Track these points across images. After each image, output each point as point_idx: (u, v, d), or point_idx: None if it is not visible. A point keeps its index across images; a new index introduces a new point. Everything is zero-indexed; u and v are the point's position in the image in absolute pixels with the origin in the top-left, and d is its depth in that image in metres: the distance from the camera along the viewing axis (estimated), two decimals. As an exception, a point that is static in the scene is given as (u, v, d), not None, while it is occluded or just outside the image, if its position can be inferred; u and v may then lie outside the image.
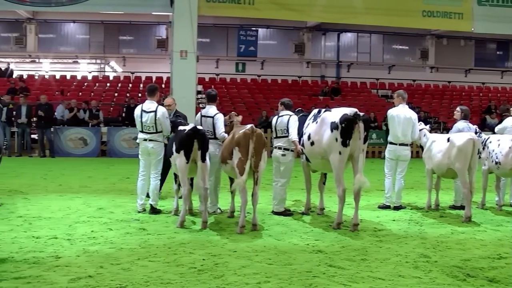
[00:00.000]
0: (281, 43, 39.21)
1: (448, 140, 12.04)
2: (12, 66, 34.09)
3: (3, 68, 33.44)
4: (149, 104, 11.76)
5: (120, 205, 12.45)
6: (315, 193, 12.28)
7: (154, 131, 11.67)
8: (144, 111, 11.69)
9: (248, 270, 7.56)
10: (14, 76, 32.64)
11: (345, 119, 10.32)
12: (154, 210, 11.67)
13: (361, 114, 10.42)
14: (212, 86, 30.13)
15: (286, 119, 11.70)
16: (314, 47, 39.39)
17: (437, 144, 12.47)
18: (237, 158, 10.11)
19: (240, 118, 11.75)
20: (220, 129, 11.55)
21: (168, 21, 31.86)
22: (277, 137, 11.91)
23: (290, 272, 7.50)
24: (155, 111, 11.63)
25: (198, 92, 27.65)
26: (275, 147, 11.89)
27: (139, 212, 11.66)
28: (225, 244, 9.05)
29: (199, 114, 12.06)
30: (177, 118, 11.91)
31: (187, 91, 23.37)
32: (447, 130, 23.84)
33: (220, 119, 11.64)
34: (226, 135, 11.42)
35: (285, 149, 11.69)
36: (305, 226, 10.73)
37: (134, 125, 12.47)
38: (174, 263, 7.86)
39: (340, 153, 10.35)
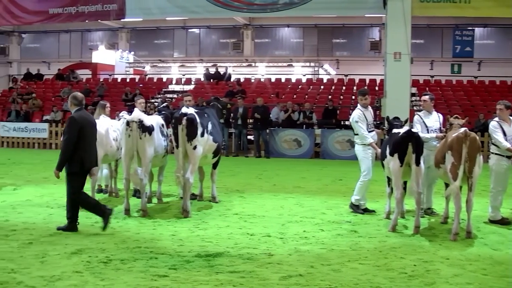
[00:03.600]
0: (499, 42, 37.35)
1: None
2: (229, 70, 35.61)
3: (221, 72, 35.04)
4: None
5: (332, 206, 12.54)
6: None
7: (355, 133, 11.89)
8: None
9: (460, 279, 7.29)
10: (231, 79, 34.07)
11: None
12: (365, 210, 11.84)
13: None
14: (427, 89, 29.43)
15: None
16: (536, 46, 37.09)
17: None
18: (449, 162, 9.79)
19: (461, 121, 11.20)
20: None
21: (381, 23, 31.57)
22: (491, 142, 11.41)
23: (507, 285, 7.12)
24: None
25: (412, 95, 27.14)
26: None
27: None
28: (437, 250, 8.80)
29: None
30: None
31: (401, 93, 23.04)
32: None
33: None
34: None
35: (492, 153, 11.17)
36: (525, 236, 10.13)
37: (346, 127, 12.57)
38: (384, 267, 7.78)
39: None
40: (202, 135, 11.45)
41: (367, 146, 11.77)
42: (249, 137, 26.45)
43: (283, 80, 34.46)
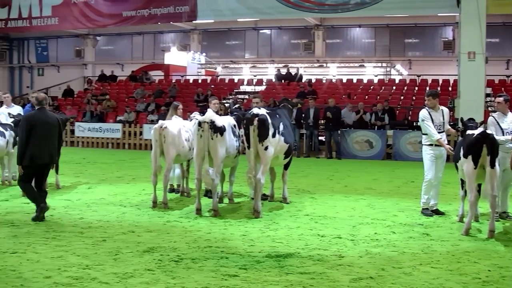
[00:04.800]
0: None
1: None
2: (301, 71, 35.53)
3: (293, 73, 35.00)
4: None
5: (404, 208, 12.38)
6: None
7: (423, 132, 11.87)
8: None
9: (538, 285, 7.10)
10: (303, 80, 33.99)
11: None
12: (435, 212, 11.71)
13: None
14: (502, 89, 28.75)
15: None
16: None
17: None
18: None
19: None
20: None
21: (455, 22, 30.98)
22: None
23: None
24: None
25: (487, 95, 26.53)
26: None
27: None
28: (513, 255, 8.58)
29: None
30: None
31: (475, 94, 22.56)
32: None
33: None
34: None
35: None
36: None
37: (418, 129, 12.46)
38: (457, 271, 7.63)
39: None
40: (274, 135, 11.47)
41: (428, 147, 11.62)
42: (320, 138, 26.36)
43: (354, 81, 34.18)
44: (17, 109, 15.84)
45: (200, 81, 37.15)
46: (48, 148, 10.66)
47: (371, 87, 33.01)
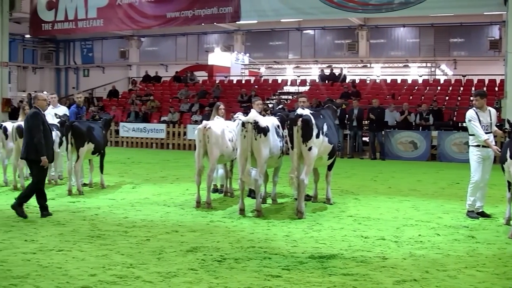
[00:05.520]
0: None
1: None
2: (344, 71, 35.38)
3: (336, 73, 34.86)
4: None
5: (449, 210, 12.22)
6: None
7: (470, 133, 11.63)
8: None
9: None
10: (346, 80, 33.83)
11: None
12: (481, 214, 11.49)
13: None
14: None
15: None
16: None
17: None
18: None
19: None
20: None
21: (502, 20, 30.51)
22: None
23: None
24: None
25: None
26: None
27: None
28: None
29: None
30: None
31: (523, 94, 22.21)
32: None
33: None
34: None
35: None
36: None
37: (464, 129, 12.25)
38: (503, 275, 7.50)
39: None
40: (318, 136, 11.42)
41: (475, 148, 11.43)
42: (364, 138, 26.20)
43: (399, 81, 33.93)
44: (63, 110, 16.13)
45: (243, 82, 37.27)
46: (24, 144, 11.10)
47: (416, 88, 32.72)
